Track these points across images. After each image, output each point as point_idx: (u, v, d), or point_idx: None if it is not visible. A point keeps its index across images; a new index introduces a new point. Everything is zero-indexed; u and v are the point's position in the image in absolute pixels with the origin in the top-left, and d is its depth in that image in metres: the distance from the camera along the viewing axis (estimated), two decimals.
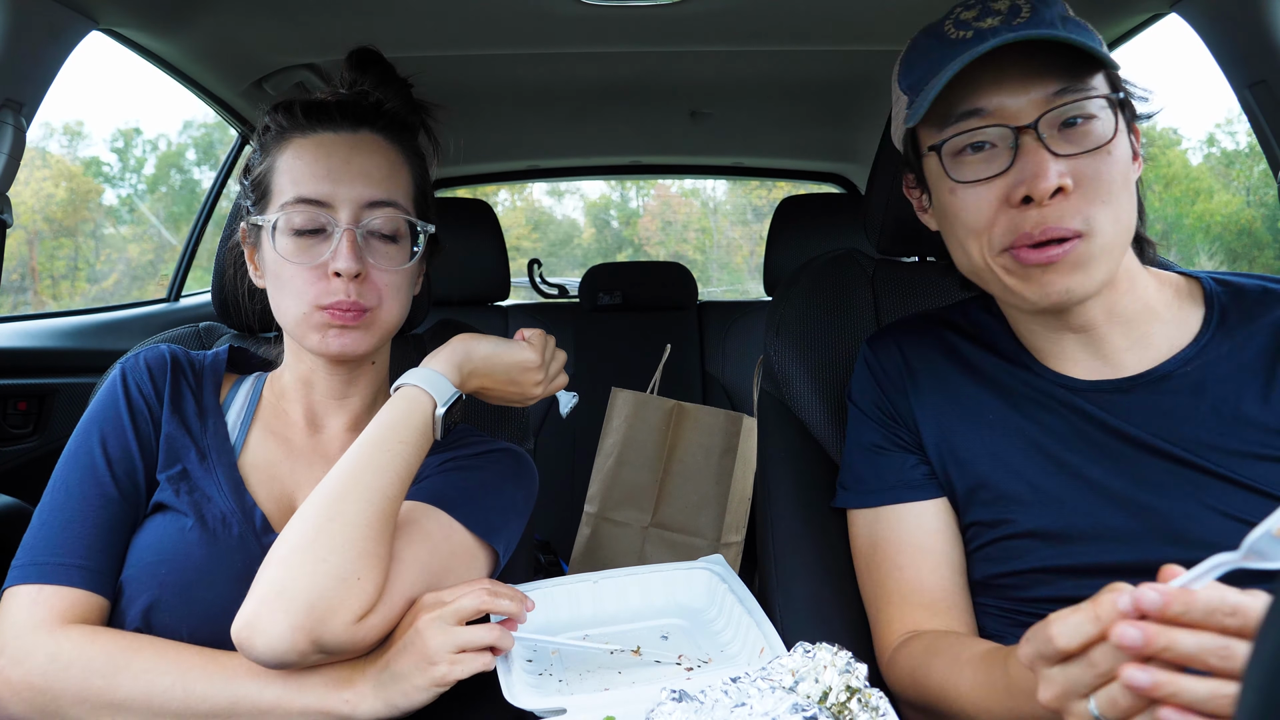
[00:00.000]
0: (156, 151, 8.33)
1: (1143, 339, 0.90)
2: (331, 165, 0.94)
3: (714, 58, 1.88)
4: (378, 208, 0.95)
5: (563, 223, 11.16)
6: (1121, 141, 0.83)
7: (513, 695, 0.83)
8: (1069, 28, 0.83)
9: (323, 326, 0.93)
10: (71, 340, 1.95)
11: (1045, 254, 0.81)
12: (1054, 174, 0.80)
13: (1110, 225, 0.82)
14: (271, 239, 0.94)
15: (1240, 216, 8.12)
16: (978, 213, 0.85)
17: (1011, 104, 0.82)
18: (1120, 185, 0.82)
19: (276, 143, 0.97)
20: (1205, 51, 1.32)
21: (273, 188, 0.95)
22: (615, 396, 2.35)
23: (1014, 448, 0.92)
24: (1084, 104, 0.81)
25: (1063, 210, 0.80)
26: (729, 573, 1.07)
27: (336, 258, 0.92)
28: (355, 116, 0.98)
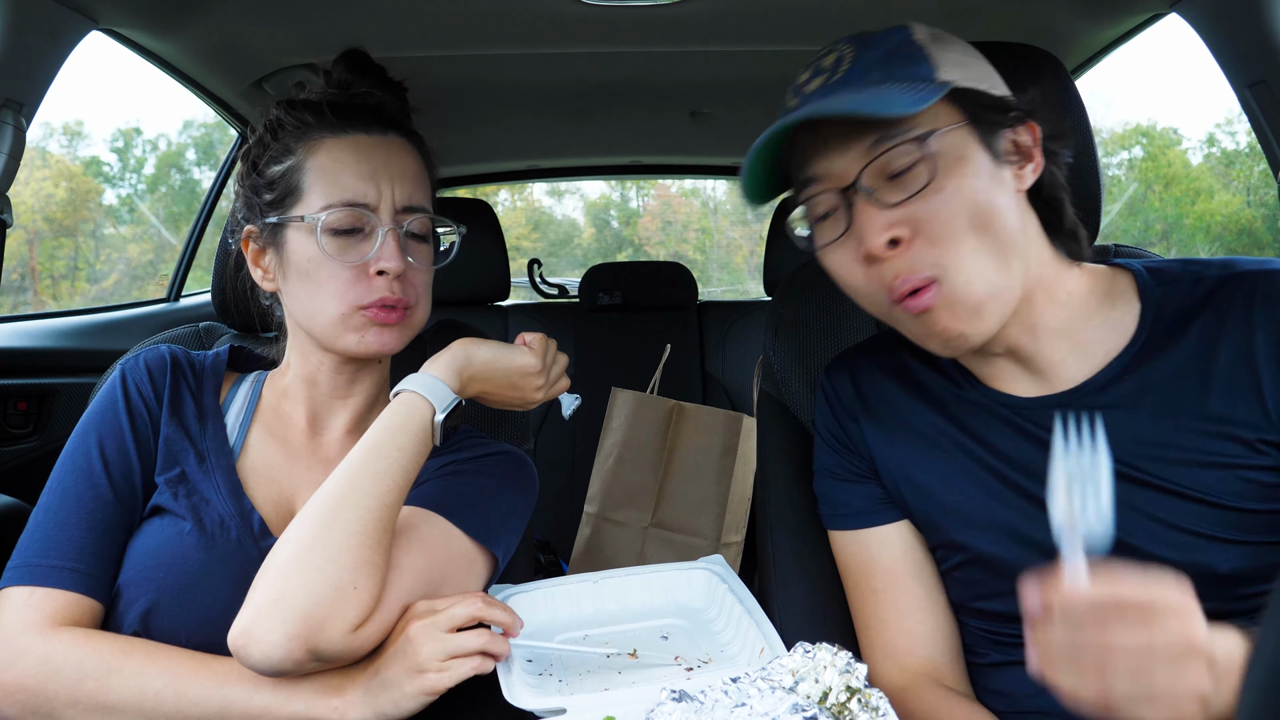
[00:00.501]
0: (156, 151, 8.33)
1: (1079, 347, 0.87)
2: (373, 167, 0.94)
3: (714, 58, 1.87)
4: (411, 212, 0.96)
5: (563, 223, 11.16)
6: (960, 171, 0.78)
7: (513, 695, 0.83)
8: (892, 67, 0.80)
9: (363, 326, 0.94)
10: (71, 340, 1.95)
11: (919, 302, 0.79)
12: (880, 229, 0.78)
13: (968, 260, 0.78)
14: (313, 238, 0.93)
15: (1240, 216, 8.12)
16: (848, 275, 0.85)
17: (836, 166, 0.81)
18: (967, 218, 0.78)
19: (302, 142, 0.96)
20: (1205, 51, 1.32)
21: (304, 188, 0.94)
22: (615, 396, 2.35)
23: (964, 471, 0.91)
24: (900, 151, 0.78)
25: (909, 259, 0.79)
26: (729, 573, 1.07)
27: (383, 257, 0.93)
28: (382, 119, 0.99)
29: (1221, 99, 10.04)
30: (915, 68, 0.80)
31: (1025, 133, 0.84)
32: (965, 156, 0.79)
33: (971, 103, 0.81)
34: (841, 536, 1.01)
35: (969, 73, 0.82)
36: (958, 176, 0.78)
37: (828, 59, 0.85)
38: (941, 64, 0.81)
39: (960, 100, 0.81)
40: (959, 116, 0.80)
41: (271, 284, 1.01)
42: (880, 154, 0.79)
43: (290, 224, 0.94)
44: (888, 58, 0.81)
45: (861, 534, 0.98)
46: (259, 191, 0.98)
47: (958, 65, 0.82)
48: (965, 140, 0.80)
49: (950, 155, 0.79)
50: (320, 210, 0.92)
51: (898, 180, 0.79)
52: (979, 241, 0.79)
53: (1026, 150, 0.84)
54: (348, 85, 1.02)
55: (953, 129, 0.79)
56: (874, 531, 0.98)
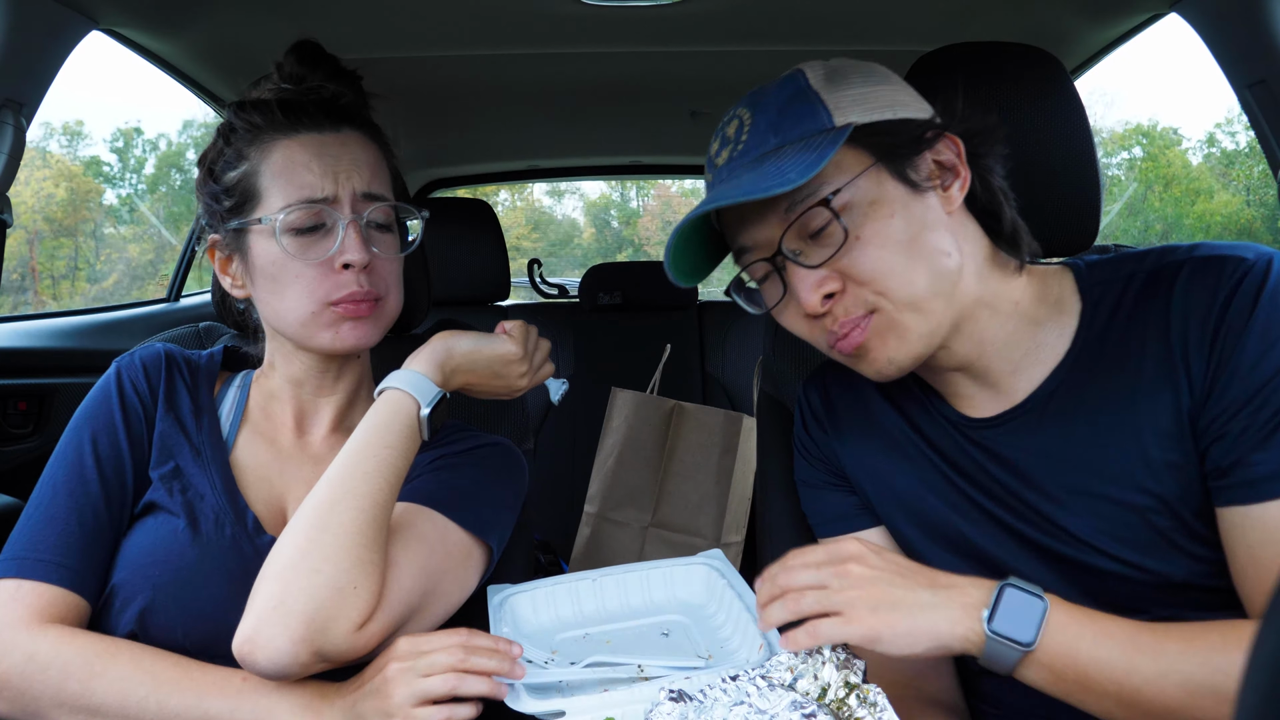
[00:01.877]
0: (156, 151, 8.33)
1: (1031, 354, 0.85)
2: (326, 163, 0.93)
3: (714, 58, 1.87)
4: (371, 200, 0.95)
5: (563, 223, 11.16)
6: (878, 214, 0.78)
7: (510, 698, 0.82)
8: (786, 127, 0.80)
9: (335, 322, 0.93)
10: (71, 340, 1.95)
11: (849, 343, 0.81)
12: (811, 288, 0.80)
13: (903, 288, 0.79)
14: (274, 240, 0.92)
15: (1240, 216, 8.12)
16: (796, 328, 0.87)
17: (760, 235, 0.83)
18: (892, 256, 0.78)
19: (254, 145, 0.95)
20: (1205, 51, 1.32)
21: (260, 190, 0.93)
22: (615, 396, 2.35)
23: (929, 483, 0.91)
24: (811, 214, 0.79)
25: (845, 305, 0.80)
26: (728, 567, 1.07)
27: (346, 250, 0.92)
28: (334, 115, 0.97)
29: (1221, 99, 10.04)
30: (810, 121, 0.80)
31: (946, 148, 0.82)
32: (880, 199, 0.79)
33: (878, 139, 0.80)
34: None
35: (870, 105, 0.81)
36: (875, 221, 0.78)
37: (730, 127, 0.86)
38: (838, 107, 0.80)
39: (865, 140, 0.79)
40: (866, 159, 0.79)
41: (241, 290, 1.00)
42: (793, 221, 0.80)
43: (250, 228, 0.93)
44: (781, 116, 0.81)
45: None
46: (218, 199, 0.97)
47: (856, 102, 0.80)
48: (877, 181, 0.79)
49: (863, 203, 0.79)
50: (280, 211, 0.91)
51: (818, 239, 0.80)
52: (912, 272, 0.79)
53: (951, 166, 0.82)
54: (300, 79, 1.01)
55: (861, 175, 0.79)
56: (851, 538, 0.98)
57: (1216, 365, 0.74)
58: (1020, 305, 0.85)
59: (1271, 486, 0.71)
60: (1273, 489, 0.71)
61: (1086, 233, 1.05)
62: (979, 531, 0.87)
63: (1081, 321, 0.83)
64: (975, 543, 0.88)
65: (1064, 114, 1.00)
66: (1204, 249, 0.79)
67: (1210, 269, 0.76)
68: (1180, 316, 0.76)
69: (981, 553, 0.87)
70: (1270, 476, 0.71)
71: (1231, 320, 0.73)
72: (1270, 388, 0.71)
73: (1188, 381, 0.76)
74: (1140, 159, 9.00)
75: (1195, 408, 0.75)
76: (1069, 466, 0.81)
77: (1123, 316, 0.81)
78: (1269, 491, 0.71)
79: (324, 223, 0.92)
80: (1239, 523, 0.73)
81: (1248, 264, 0.75)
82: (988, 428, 0.87)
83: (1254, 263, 0.75)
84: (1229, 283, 0.74)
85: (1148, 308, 0.79)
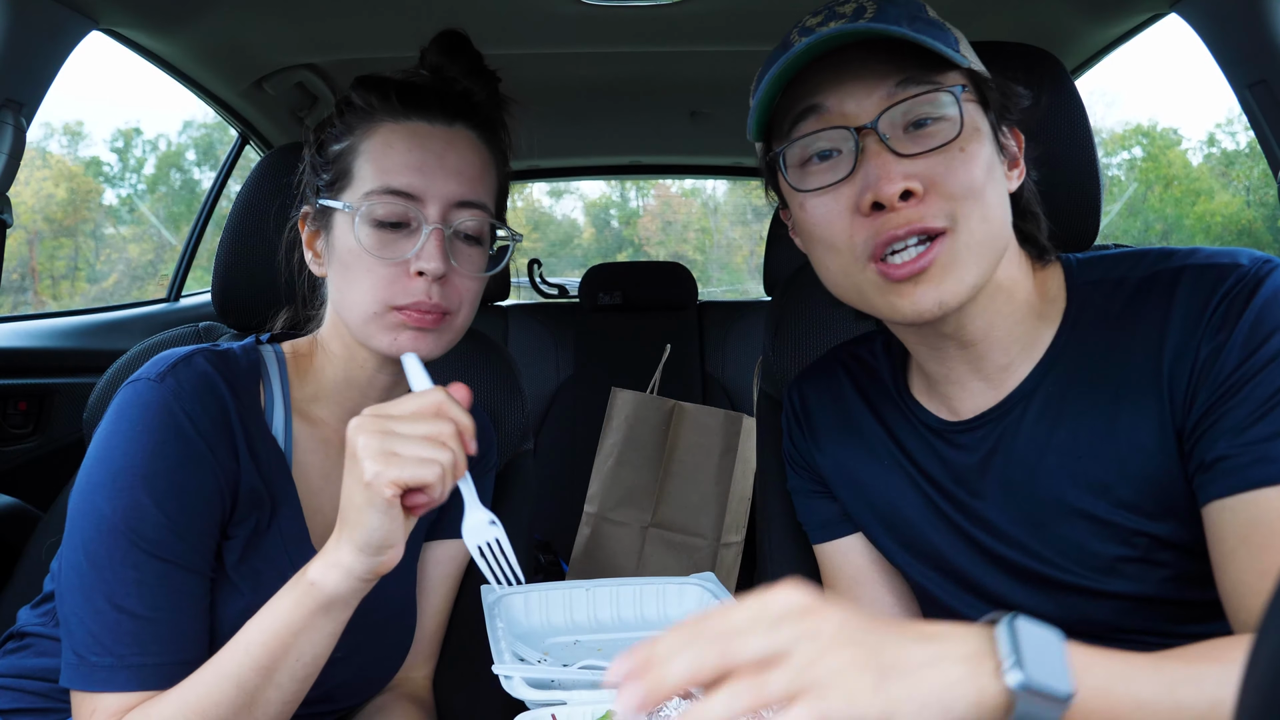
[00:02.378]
0: (156, 151, 8.32)
1: (1027, 348, 0.82)
2: (425, 157, 0.87)
3: (714, 58, 1.87)
4: (466, 208, 0.88)
5: (563, 223, 11.16)
6: (979, 140, 0.75)
7: (513, 688, 0.83)
8: (918, 28, 0.74)
9: (396, 327, 0.86)
10: (71, 340, 1.95)
11: (915, 265, 0.73)
12: (897, 177, 0.72)
13: (979, 223, 0.74)
14: (351, 226, 0.86)
15: (1240, 216, 8.11)
16: (829, 224, 0.77)
17: (851, 103, 0.75)
18: (982, 184, 0.74)
19: (362, 123, 0.89)
20: (1205, 51, 1.32)
21: (354, 172, 0.88)
22: (615, 396, 2.35)
23: (905, 499, 0.90)
24: (927, 99, 0.74)
25: (920, 210, 0.73)
26: (721, 590, 1.08)
27: (422, 257, 0.85)
28: (451, 108, 0.91)
29: (1221, 99, 10.04)
30: (940, 34, 0.76)
31: (1012, 138, 0.82)
32: (982, 130, 0.77)
33: (984, 88, 0.79)
34: (816, 548, 1.02)
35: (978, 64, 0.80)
36: (978, 144, 0.75)
37: (846, 5, 0.77)
38: (960, 42, 0.78)
39: (976, 80, 0.78)
40: (976, 96, 0.78)
41: (321, 269, 0.93)
42: (907, 98, 0.73)
43: (337, 209, 0.88)
44: (914, 17, 0.76)
45: (826, 546, 0.99)
46: (318, 170, 0.91)
47: (970, 51, 0.80)
48: (981, 118, 0.78)
49: (972, 122, 0.75)
50: (365, 196, 0.86)
51: (918, 132, 0.74)
52: (989, 209, 0.75)
53: (1013, 155, 0.82)
54: (438, 69, 0.95)
55: (973, 103, 0.77)
56: (835, 544, 0.98)
57: (1201, 369, 0.72)
58: (1029, 297, 0.82)
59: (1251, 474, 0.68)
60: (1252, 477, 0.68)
61: (1087, 232, 1.05)
62: (951, 547, 0.86)
63: (1065, 320, 0.81)
64: (948, 557, 0.86)
65: (1064, 114, 1.00)
66: (1199, 257, 0.77)
67: (1206, 278, 0.75)
68: (1174, 326, 0.74)
69: (954, 566, 0.86)
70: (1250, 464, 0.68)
71: (1219, 324, 0.72)
72: (1254, 384, 0.70)
73: (1170, 392, 0.74)
74: (1140, 159, 9.00)
75: (1179, 417, 0.74)
76: (1045, 478, 0.79)
77: (1110, 321, 0.79)
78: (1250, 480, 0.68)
79: (408, 221, 0.86)
80: (1221, 518, 0.70)
81: (1241, 270, 0.73)
82: (964, 432, 0.85)
83: (1247, 269, 0.74)
84: (1220, 291, 0.73)
85: (1138, 315, 0.77)
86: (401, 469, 0.71)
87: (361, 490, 0.72)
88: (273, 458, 0.88)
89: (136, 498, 0.77)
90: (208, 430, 0.81)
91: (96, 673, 0.76)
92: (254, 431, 0.86)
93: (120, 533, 0.77)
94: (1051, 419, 0.80)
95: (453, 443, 0.74)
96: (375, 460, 0.71)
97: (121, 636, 0.76)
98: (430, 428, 0.73)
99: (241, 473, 0.84)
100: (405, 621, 1.02)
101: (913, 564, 0.90)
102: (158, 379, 0.81)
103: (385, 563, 0.75)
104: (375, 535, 0.73)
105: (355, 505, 0.73)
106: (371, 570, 0.75)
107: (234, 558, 0.84)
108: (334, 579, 0.75)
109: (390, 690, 1.03)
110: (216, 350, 0.88)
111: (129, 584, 0.76)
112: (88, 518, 0.78)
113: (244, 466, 0.84)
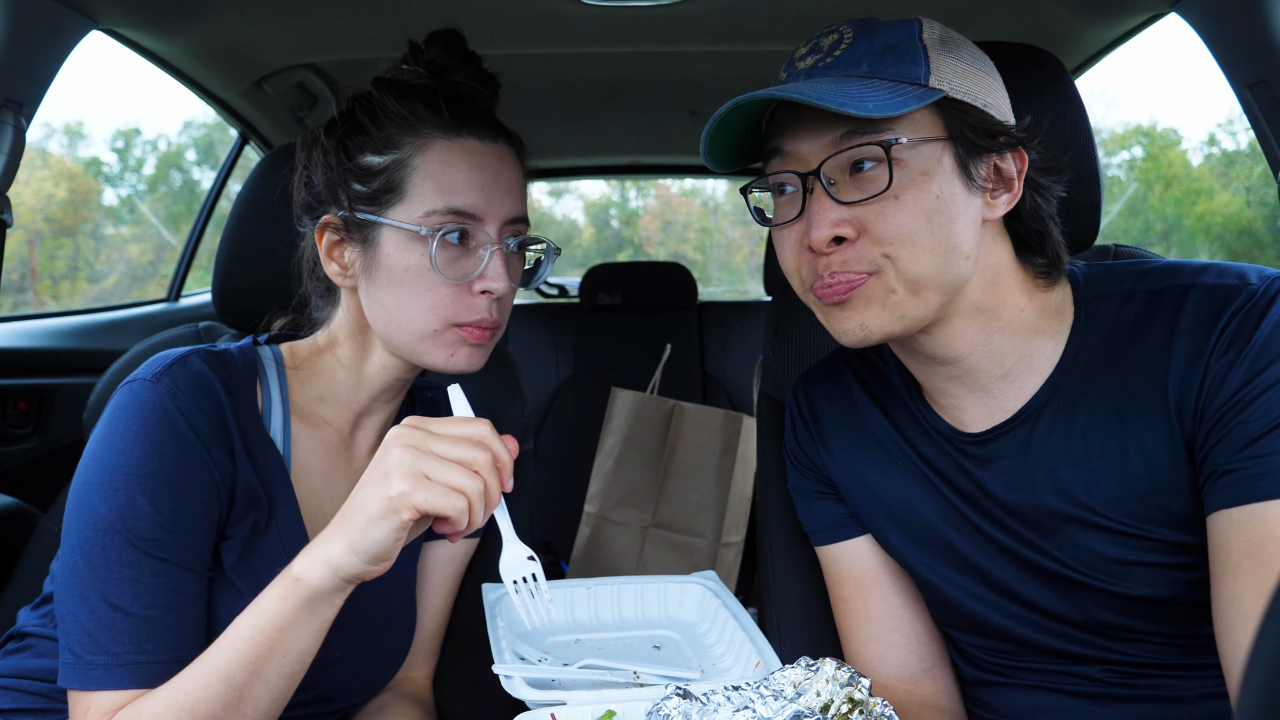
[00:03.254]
0: (156, 151, 8.33)
1: (1024, 361, 0.82)
2: (484, 176, 0.88)
3: (714, 58, 1.87)
4: (516, 224, 0.91)
5: (563, 223, 11.16)
6: (921, 185, 0.75)
7: (510, 686, 0.83)
8: (884, 64, 0.77)
9: (455, 344, 0.88)
10: (71, 340, 1.95)
11: (834, 291, 0.78)
12: (828, 225, 0.76)
13: (911, 265, 0.76)
14: (414, 245, 0.85)
15: (1240, 216, 8.11)
16: (784, 255, 0.83)
17: (803, 148, 0.79)
18: (916, 230, 0.75)
19: (410, 137, 0.87)
20: (1205, 51, 1.32)
21: (408, 188, 0.86)
22: (615, 396, 2.35)
23: (921, 499, 0.90)
24: (866, 149, 0.76)
25: (847, 256, 0.77)
26: (722, 588, 1.08)
27: (488, 276, 0.87)
28: (494, 123, 0.92)
29: (1221, 99, 10.05)
30: (908, 68, 0.77)
31: (1011, 160, 0.80)
32: (932, 173, 0.76)
33: (960, 119, 0.77)
34: (819, 549, 1.02)
35: (968, 85, 0.78)
36: (918, 190, 0.76)
37: (827, 39, 0.81)
38: (938, 69, 0.77)
39: (947, 113, 0.77)
40: (940, 130, 0.77)
41: (348, 281, 0.91)
42: (846, 148, 0.76)
43: (386, 224, 0.86)
44: (885, 52, 0.78)
45: (831, 548, 0.99)
46: (349, 179, 0.88)
47: (958, 75, 0.78)
48: (938, 157, 0.77)
49: (916, 167, 0.76)
50: (427, 216, 0.85)
51: (858, 178, 0.77)
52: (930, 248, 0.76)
53: (1008, 179, 0.80)
54: (444, 70, 0.94)
55: (928, 143, 0.77)
56: (841, 546, 0.98)
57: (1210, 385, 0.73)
58: (1024, 314, 0.82)
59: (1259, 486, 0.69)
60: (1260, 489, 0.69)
61: (1087, 233, 1.05)
62: (971, 545, 0.87)
63: (1073, 334, 0.82)
64: (967, 555, 0.87)
65: (1064, 114, 1.00)
66: (1209, 275, 0.78)
67: (1215, 296, 0.75)
68: (1181, 342, 0.75)
69: (974, 564, 0.87)
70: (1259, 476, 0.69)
71: (1229, 342, 0.73)
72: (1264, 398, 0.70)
73: (1178, 407, 0.75)
74: (1140, 159, 9.00)
75: (1189, 429, 0.75)
76: (1059, 489, 0.80)
77: (1119, 335, 0.79)
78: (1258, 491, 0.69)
79: (469, 240, 0.87)
80: (1227, 530, 0.71)
81: (1251, 289, 0.74)
82: (978, 444, 0.85)
83: (1257, 287, 0.74)
84: (1230, 309, 0.74)
85: (1146, 330, 0.78)
86: (429, 495, 0.71)
87: (382, 502, 0.71)
88: (270, 458, 0.87)
89: (132, 496, 0.77)
90: (204, 430, 0.81)
91: (92, 671, 0.76)
92: (250, 432, 0.86)
93: (116, 532, 0.76)
94: (1062, 431, 0.80)
95: (487, 472, 0.73)
96: (405, 479, 0.71)
97: (117, 635, 0.76)
98: (468, 453, 0.73)
99: (238, 472, 0.83)
100: (405, 621, 1.02)
101: (930, 564, 0.90)
102: (153, 379, 0.81)
103: (375, 571, 0.75)
104: (376, 547, 0.72)
105: (368, 514, 0.72)
106: (359, 575, 0.74)
107: (232, 558, 0.84)
108: (319, 574, 0.74)
109: (390, 690, 1.03)
110: (213, 351, 0.87)
111: (125, 582, 0.76)
112: (84, 518, 0.77)
113: (240, 466, 0.83)
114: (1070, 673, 0.85)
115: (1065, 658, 0.85)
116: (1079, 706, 0.85)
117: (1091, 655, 0.83)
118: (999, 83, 0.82)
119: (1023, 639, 0.86)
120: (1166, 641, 0.80)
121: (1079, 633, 0.83)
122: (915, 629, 0.96)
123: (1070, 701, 0.86)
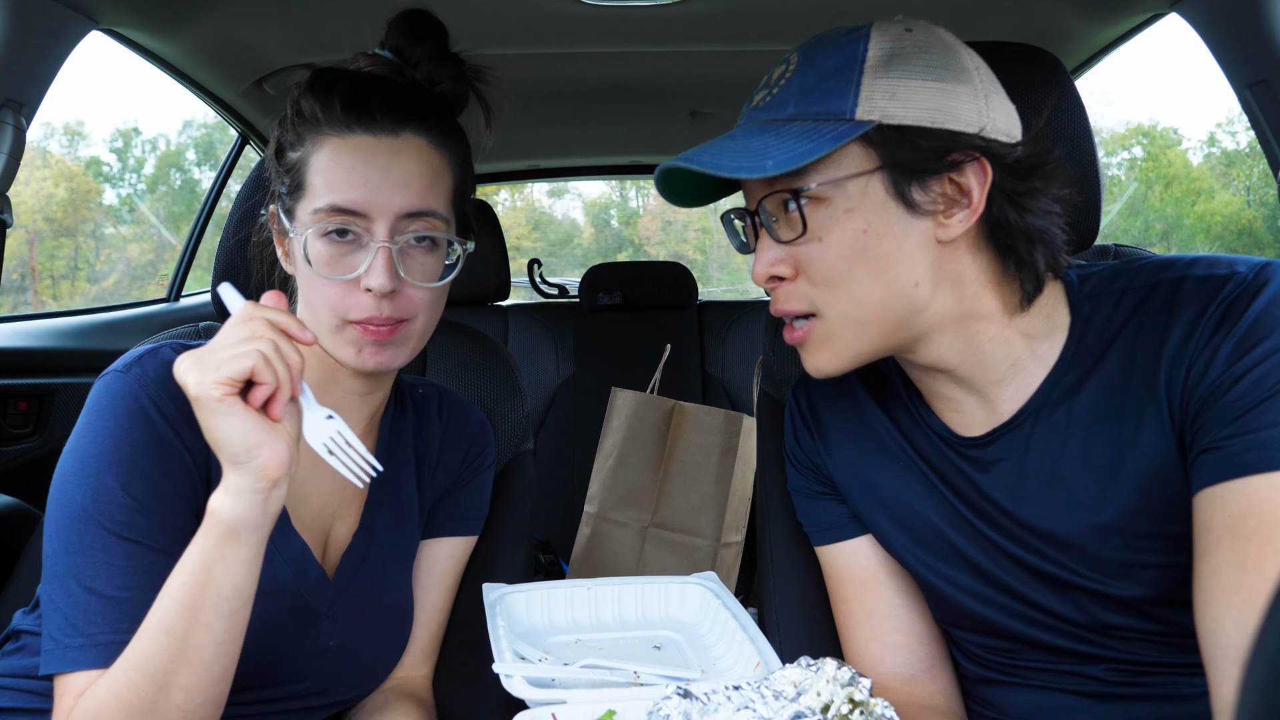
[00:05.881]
0: (156, 151, 8.34)
1: (1019, 364, 0.82)
2: (370, 173, 0.86)
3: (714, 58, 1.88)
4: (416, 218, 0.88)
5: (563, 223, 11.16)
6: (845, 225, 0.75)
7: (510, 686, 0.83)
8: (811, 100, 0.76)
9: (357, 341, 0.87)
10: (71, 340, 1.95)
11: (789, 334, 0.83)
12: (765, 263, 0.80)
13: (846, 305, 0.78)
14: (302, 244, 0.87)
15: (1240, 216, 8.11)
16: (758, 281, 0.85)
17: (751, 187, 0.82)
18: (843, 271, 0.76)
19: (310, 133, 0.88)
20: (1205, 51, 1.32)
21: (306, 184, 0.88)
22: (615, 396, 2.35)
23: (922, 499, 0.90)
24: (781, 196, 0.77)
25: (787, 293, 0.80)
26: (723, 589, 1.07)
27: (370, 274, 0.85)
28: (398, 115, 0.88)
29: (1221, 99, 10.04)
30: (835, 102, 0.75)
31: (973, 173, 0.75)
32: (857, 210, 0.75)
33: (894, 143, 0.74)
34: (819, 550, 1.02)
35: (910, 103, 0.74)
36: (841, 230, 0.75)
37: (778, 69, 0.81)
38: (870, 97, 0.74)
39: (878, 141, 0.74)
40: (871, 160, 0.75)
41: (291, 268, 0.94)
42: (772, 192, 0.78)
43: (294, 226, 0.89)
44: (817, 85, 0.76)
45: (831, 548, 0.99)
46: (279, 175, 0.91)
47: (896, 96, 0.74)
48: (865, 190, 0.75)
49: (840, 205, 0.75)
50: (314, 214, 0.86)
51: (789, 217, 0.78)
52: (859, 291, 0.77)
53: (967, 192, 0.75)
54: (400, 52, 0.93)
55: (853, 178, 0.75)
56: (842, 546, 0.98)
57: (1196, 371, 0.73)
58: (1013, 321, 0.81)
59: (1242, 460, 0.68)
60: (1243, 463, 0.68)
61: (1087, 233, 1.05)
62: (972, 546, 0.87)
63: (1070, 336, 0.81)
64: (969, 555, 0.87)
65: (1064, 114, 1.00)
66: (1199, 266, 0.77)
67: (1205, 286, 0.75)
68: (1174, 334, 0.75)
69: (975, 564, 0.87)
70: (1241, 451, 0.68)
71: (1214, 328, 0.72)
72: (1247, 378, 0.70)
73: (1168, 398, 0.75)
74: (1140, 159, 9.00)
75: (1179, 422, 0.74)
76: (1058, 493, 0.80)
77: (1112, 333, 0.79)
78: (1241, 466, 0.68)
79: (359, 237, 0.86)
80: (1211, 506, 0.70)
81: (1239, 277, 0.74)
82: (977, 447, 0.85)
83: (1245, 275, 0.74)
84: (1218, 297, 0.73)
85: (1141, 325, 0.77)
86: (219, 368, 0.70)
87: (201, 410, 0.71)
88: None
89: (104, 482, 0.78)
90: (174, 416, 0.82)
91: (69, 653, 0.76)
92: None
93: (90, 517, 0.78)
94: (1061, 433, 0.80)
95: (268, 332, 0.73)
96: (193, 373, 0.71)
97: (92, 616, 0.76)
98: (242, 330, 0.73)
99: (211, 457, 0.83)
100: (400, 614, 1.02)
101: (932, 564, 0.90)
102: (124, 369, 0.83)
103: (266, 468, 0.72)
104: (234, 441, 0.71)
105: (207, 427, 0.72)
106: (257, 482, 0.73)
107: None
108: (228, 503, 0.73)
109: (390, 689, 1.03)
110: (185, 343, 0.88)
111: (99, 565, 0.77)
112: (61, 507, 0.79)
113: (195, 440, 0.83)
114: (1073, 671, 0.85)
115: (1068, 657, 0.85)
116: (1081, 705, 0.85)
117: (1094, 654, 0.83)
118: (964, 85, 0.76)
119: (1025, 638, 0.86)
120: (1169, 641, 0.80)
121: (1082, 632, 0.83)
122: (915, 629, 0.96)
123: (1073, 700, 0.86)
